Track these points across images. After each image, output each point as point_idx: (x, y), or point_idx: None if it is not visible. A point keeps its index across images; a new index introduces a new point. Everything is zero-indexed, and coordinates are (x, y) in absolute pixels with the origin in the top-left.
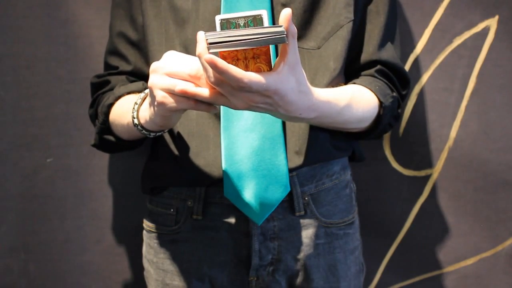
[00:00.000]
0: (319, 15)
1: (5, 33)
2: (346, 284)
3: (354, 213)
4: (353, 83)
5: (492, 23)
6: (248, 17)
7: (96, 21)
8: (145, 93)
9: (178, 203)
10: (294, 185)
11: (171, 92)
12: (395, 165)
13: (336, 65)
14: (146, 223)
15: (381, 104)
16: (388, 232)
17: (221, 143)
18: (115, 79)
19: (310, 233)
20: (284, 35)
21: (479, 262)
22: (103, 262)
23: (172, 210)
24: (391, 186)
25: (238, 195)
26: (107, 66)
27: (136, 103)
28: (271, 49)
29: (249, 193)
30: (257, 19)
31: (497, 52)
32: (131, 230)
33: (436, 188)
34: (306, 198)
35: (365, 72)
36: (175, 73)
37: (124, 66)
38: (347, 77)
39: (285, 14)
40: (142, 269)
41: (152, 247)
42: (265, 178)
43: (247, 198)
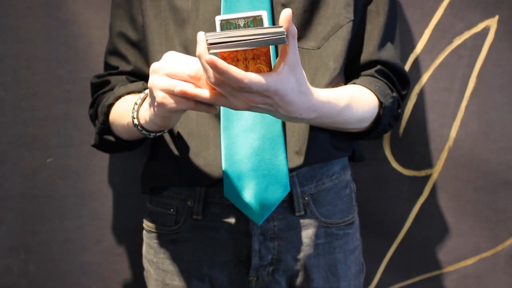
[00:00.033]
0: (319, 15)
1: (5, 33)
2: (346, 284)
3: (354, 213)
4: (353, 83)
5: (492, 23)
6: (248, 17)
7: (96, 21)
8: (145, 93)
9: (178, 203)
10: (294, 185)
11: (171, 92)
12: (395, 165)
13: (336, 65)
14: (146, 223)
15: (381, 104)
16: (388, 232)
17: (221, 143)
18: (115, 79)
19: (310, 233)
20: (284, 36)
21: (479, 262)
22: (103, 262)
23: (172, 210)
24: (391, 186)
25: (238, 195)
26: (107, 66)
27: (136, 104)
28: (271, 49)
29: (249, 193)
30: (257, 19)
31: (497, 52)
32: (131, 230)
33: (436, 188)
34: (306, 198)
35: (365, 72)
36: (175, 74)
37: (124, 66)
38: (347, 77)
39: (285, 14)
40: (142, 269)
41: (152, 247)
42: (265, 178)
43: (247, 198)
